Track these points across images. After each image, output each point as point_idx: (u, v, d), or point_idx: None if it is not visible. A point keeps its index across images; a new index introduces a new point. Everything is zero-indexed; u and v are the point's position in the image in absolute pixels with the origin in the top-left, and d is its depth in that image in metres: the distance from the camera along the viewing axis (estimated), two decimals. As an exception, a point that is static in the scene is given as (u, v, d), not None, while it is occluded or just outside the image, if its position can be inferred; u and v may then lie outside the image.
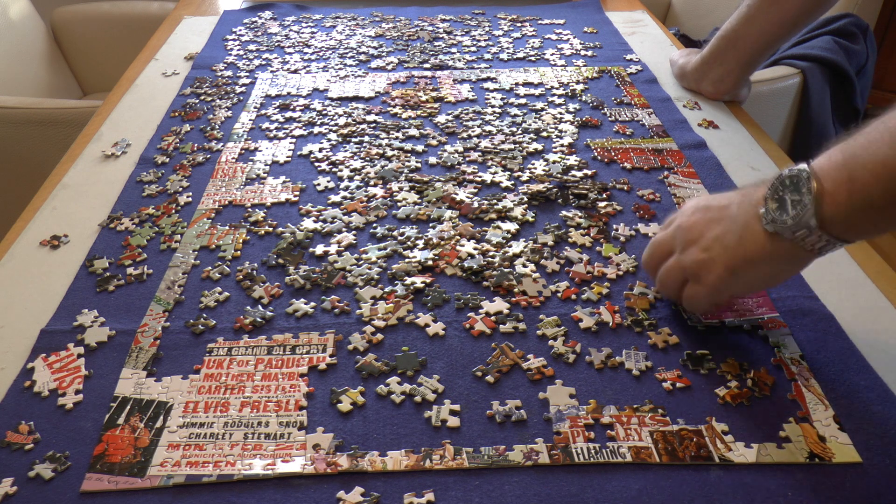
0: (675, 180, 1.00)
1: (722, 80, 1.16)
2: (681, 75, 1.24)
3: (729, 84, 1.16)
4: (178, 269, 0.84)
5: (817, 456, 0.62)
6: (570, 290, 0.80)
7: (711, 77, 1.17)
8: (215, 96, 1.24)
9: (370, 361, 0.71)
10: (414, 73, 1.33)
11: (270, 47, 1.44)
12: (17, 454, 0.62)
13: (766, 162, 1.04)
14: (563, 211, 0.93)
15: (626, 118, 1.16)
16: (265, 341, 0.74)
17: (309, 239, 0.89)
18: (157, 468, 0.61)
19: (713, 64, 1.16)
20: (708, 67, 1.17)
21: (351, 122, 1.15)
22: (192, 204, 0.96)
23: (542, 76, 1.30)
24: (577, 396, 0.68)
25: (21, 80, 1.80)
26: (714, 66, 1.16)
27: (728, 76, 1.15)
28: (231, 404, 0.67)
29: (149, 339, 0.74)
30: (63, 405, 0.67)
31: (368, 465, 0.61)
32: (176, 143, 1.09)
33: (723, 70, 1.15)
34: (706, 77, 1.18)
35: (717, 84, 1.17)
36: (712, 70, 1.16)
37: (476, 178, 1.00)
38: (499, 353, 0.72)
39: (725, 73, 1.15)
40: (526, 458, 0.62)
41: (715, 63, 1.15)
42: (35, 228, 0.91)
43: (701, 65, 1.18)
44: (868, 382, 0.69)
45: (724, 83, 1.16)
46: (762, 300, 0.78)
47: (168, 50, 1.43)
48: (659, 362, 0.71)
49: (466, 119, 1.16)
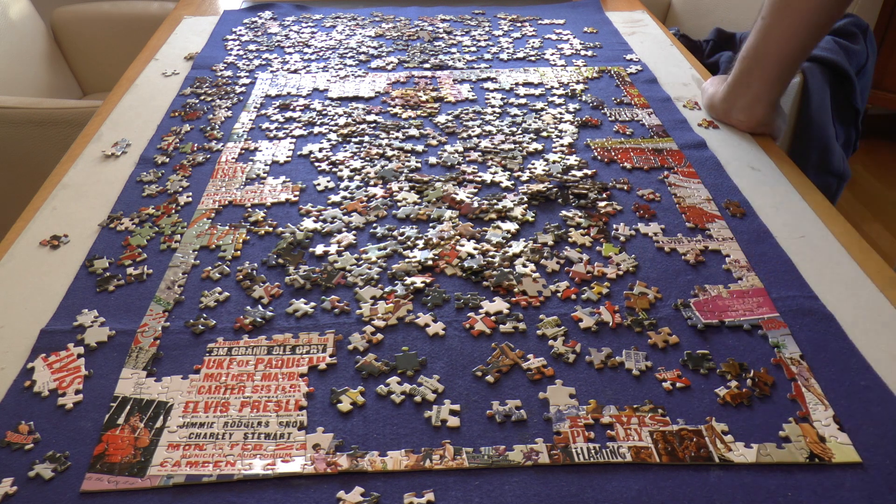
0: (675, 180, 1.00)
1: (752, 106, 1.08)
2: (710, 106, 1.16)
3: (760, 111, 1.08)
4: (178, 269, 0.84)
5: (817, 456, 0.62)
6: (570, 290, 0.80)
7: (740, 105, 1.09)
8: (215, 96, 1.24)
9: (370, 361, 0.71)
10: (414, 73, 1.33)
11: (270, 47, 1.44)
12: (17, 454, 0.62)
13: (766, 162, 1.04)
14: (563, 211, 0.93)
15: (626, 118, 1.16)
16: (265, 341, 0.74)
17: (309, 239, 0.89)
18: (157, 468, 0.61)
19: (740, 89, 1.08)
20: (735, 94, 1.09)
21: (351, 122, 1.15)
22: (192, 204, 0.96)
23: (542, 76, 1.30)
24: (577, 396, 0.68)
25: (21, 80, 1.80)
26: (741, 92, 1.08)
27: (758, 101, 1.07)
28: (231, 404, 0.67)
29: (149, 339, 0.74)
30: (63, 405, 0.67)
31: (368, 465, 0.61)
32: (176, 143, 1.09)
33: (751, 95, 1.07)
34: (735, 105, 1.10)
35: (748, 112, 1.09)
36: (740, 97, 1.09)
37: (476, 178, 1.00)
38: (499, 353, 0.72)
39: (754, 99, 1.07)
40: (526, 458, 0.62)
41: (741, 87, 1.07)
42: (35, 228, 0.91)
43: (728, 93, 1.10)
44: (868, 382, 0.69)
45: (755, 110, 1.08)
46: (762, 300, 0.78)
47: (168, 50, 1.43)
48: (659, 362, 0.71)
49: (466, 119, 1.16)
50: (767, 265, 0.84)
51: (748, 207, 0.94)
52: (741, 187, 0.98)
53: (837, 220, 0.92)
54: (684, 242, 0.88)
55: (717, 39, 1.65)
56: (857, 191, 2.42)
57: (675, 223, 0.91)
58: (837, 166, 1.44)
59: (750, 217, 0.92)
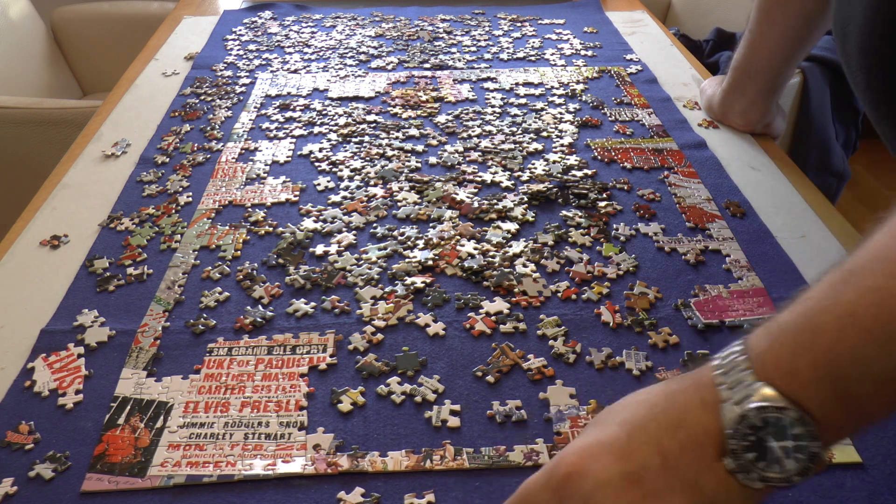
0: (675, 180, 1.00)
1: (748, 111, 1.10)
2: (708, 108, 1.17)
3: (757, 115, 1.10)
4: (179, 269, 0.84)
5: (817, 456, 0.62)
6: (570, 290, 0.80)
7: (737, 109, 1.11)
8: (215, 96, 1.24)
9: (370, 362, 0.71)
10: (414, 72, 1.33)
11: (270, 47, 1.44)
12: (17, 454, 0.62)
13: (766, 162, 1.04)
14: (563, 211, 0.93)
15: (626, 118, 1.16)
16: (265, 341, 0.74)
17: (309, 239, 0.89)
18: (157, 468, 0.61)
19: (735, 95, 1.09)
20: (731, 100, 1.10)
21: (351, 122, 1.15)
22: (192, 204, 0.95)
23: (542, 76, 1.30)
24: (577, 396, 0.68)
25: (21, 80, 1.80)
26: (737, 98, 1.09)
27: (753, 106, 1.09)
28: (231, 404, 0.67)
29: (149, 339, 0.74)
30: (63, 405, 0.67)
31: (369, 465, 0.61)
32: (176, 143, 1.09)
33: (746, 100, 1.09)
34: (732, 109, 1.11)
35: (745, 116, 1.10)
36: (736, 102, 1.10)
37: (476, 178, 1.00)
38: (499, 353, 0.72)
39: (749, 104, 1.09)
40: (526, 459, 0.62)
41: (736, 94, 1.09)
42: (35, 228, 0.91)
43: (724, 98, 1.11)
44: (868, 382, 0.68)
45: (751, 114, 1.10)
46: (762, 300, 0.78)
47: (168, 50, 1.43)
48: (659, 362, 0.71)
49: (466, 119, 1.16)
50: (767, 265, 0.84)
51: (748, 207, 0.94)
52: (741, 187, 0.98)
53: (837, 220, 0.92)
54: (684, 242, 0.88)
55: (717, 39, 1.65)
56: (857, 191, 2.41)
57: (675, 223, 0.91)
58: (837, 166, 1.44)
59: (750, 217, 0.92)
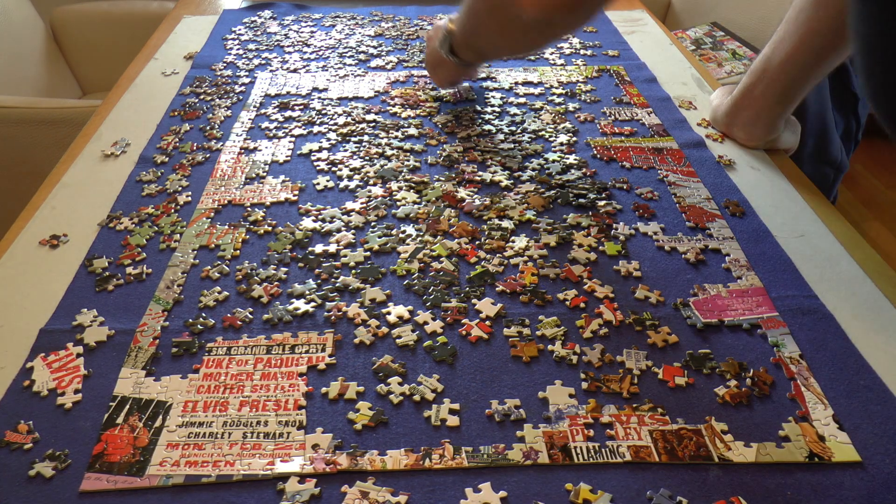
0: (674, 179, 0.99)
1: (752, 124, 1.04)
2: (714, 119, 1.12)
3: (759, 131, 1.04)
4: (178, 268, 0.84)
5: (817, 455, 0.62)
6: (577, 299, 0.80)
7: (741, 120, 1.05)
8: (215, 96, 1.23)
9: (387, 363, 0.71)
10: (413, 72, 1.32)
11: (270, 46, 1.44)
12: (16, 454, 0.62)
13: (766, 161, 1.04)
14: (564, 211, 0.93)
15: (625, 117, 1.16)
16: (264, 341, 0.74)
17: (308, 238, 0.89)
18: (156, 468, 0.61)
19: (742, 104, 1.04)
20: (738, 108, 1.05)
21: (350, 122, 1.15)
22: (191, 203, 0.95)
23: (542, 75, 1.30)
24: (576, 396, 0.68)
25: (21, 80, 1.80)
26: (743, 107, 1.04)
27: (758, 119, 1.03)
28: (230, 404, 0.67)
29: (148, 338, 0.74)
30: (62, 405, 0.67)
31: (368, 464, 0.61)
32: (175, 143, 1.09)
33: (752, 112, 1.03)
34: (736, 120, 1.06)
35: (748, 130, 1.05)
36: (742, 110, 1.04)
37: (476, 178, 1.00)
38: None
39: (755, 117, 1.03)
40: (525, 458, 0.62)
41: (744, 103, 1.03)
42: (34, 228, 0.91)
43: (731, 107, 1.06)
44: (867, 382, 0.69)
45: (754, 129, 1.04)
46: (762, 299, 0.78)
47: (168, 49, 1.43)
48: (659, 362, 0.71)
49: (466, 118, 1.16)
50: (767, 264, 0.84)
51: (748, 206, 0.94)
52: (741, 186, 0.98)
53: (837, 219, 0.92)
54: (684, 241, 0.88)
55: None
56: (857, 191, 2.41)
57: (674, 222, 0.91)
58: (835, 155, 1.43)
59: (749, 216, 0.92)
